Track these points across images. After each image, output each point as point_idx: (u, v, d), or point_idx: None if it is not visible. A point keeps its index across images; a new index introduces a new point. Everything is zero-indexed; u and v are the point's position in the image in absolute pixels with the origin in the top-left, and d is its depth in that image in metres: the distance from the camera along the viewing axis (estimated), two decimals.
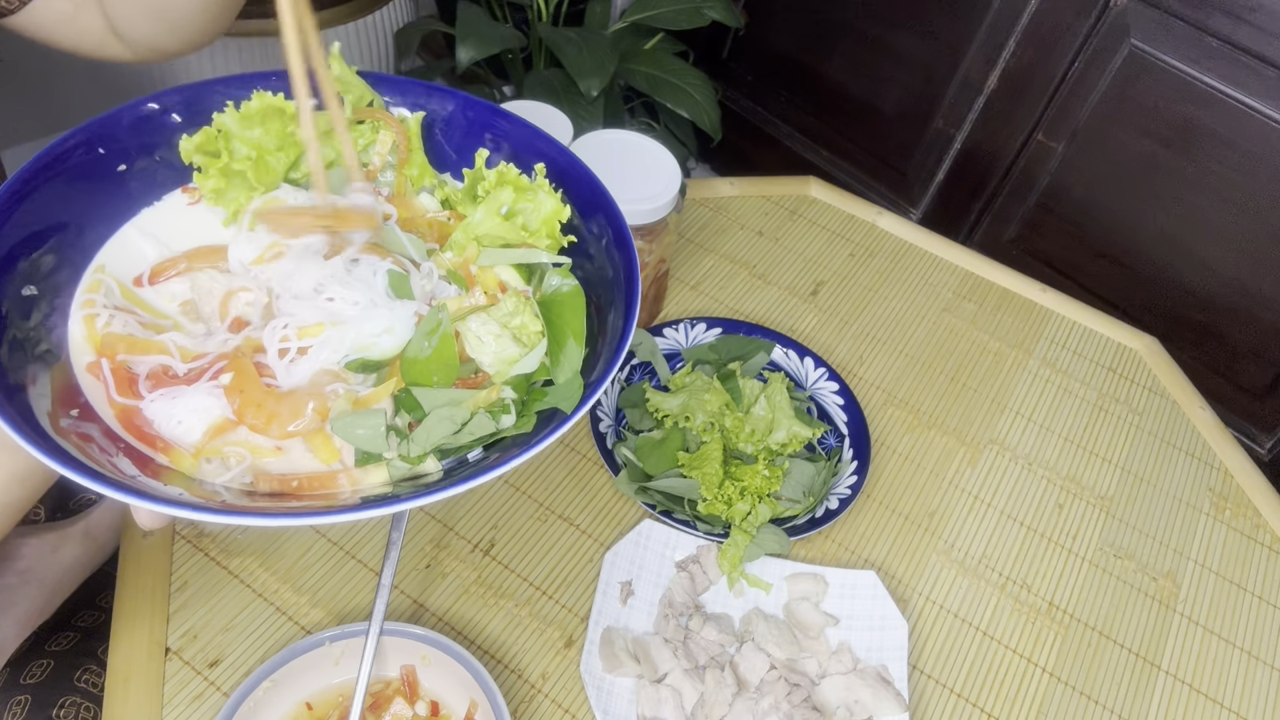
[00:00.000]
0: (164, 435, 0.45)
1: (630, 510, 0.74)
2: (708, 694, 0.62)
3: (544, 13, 1.58)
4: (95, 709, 0.70)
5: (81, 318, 0.47)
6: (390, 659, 0.58)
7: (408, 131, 0.56)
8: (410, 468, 0.46)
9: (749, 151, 2.06)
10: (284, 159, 0.55)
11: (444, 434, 0.46)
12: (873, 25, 1.73)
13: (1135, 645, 0.72)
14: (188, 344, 0.48)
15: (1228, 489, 0.85)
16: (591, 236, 0.54)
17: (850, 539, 0.75)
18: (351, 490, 0.44)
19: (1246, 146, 1.39)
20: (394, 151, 0.56)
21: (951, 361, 0.91)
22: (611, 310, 0.50)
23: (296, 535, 0.68)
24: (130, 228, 0.52)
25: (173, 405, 0.45)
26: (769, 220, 1.02)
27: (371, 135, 0.57)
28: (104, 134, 0.50)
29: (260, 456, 0.45)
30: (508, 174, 0.54)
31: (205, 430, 0.45)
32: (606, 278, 0.52)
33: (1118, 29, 1.44)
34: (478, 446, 0.47)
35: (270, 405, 0.45)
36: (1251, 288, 1.48)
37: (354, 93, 0.56)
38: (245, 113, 0.53)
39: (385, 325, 0.48)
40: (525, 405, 0.48)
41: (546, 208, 0.53)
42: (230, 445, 0.45)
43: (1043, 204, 1.65)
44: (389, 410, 0.47)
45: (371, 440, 0.45)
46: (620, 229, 0.52)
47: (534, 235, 0.54)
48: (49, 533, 0.76)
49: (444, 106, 0.58)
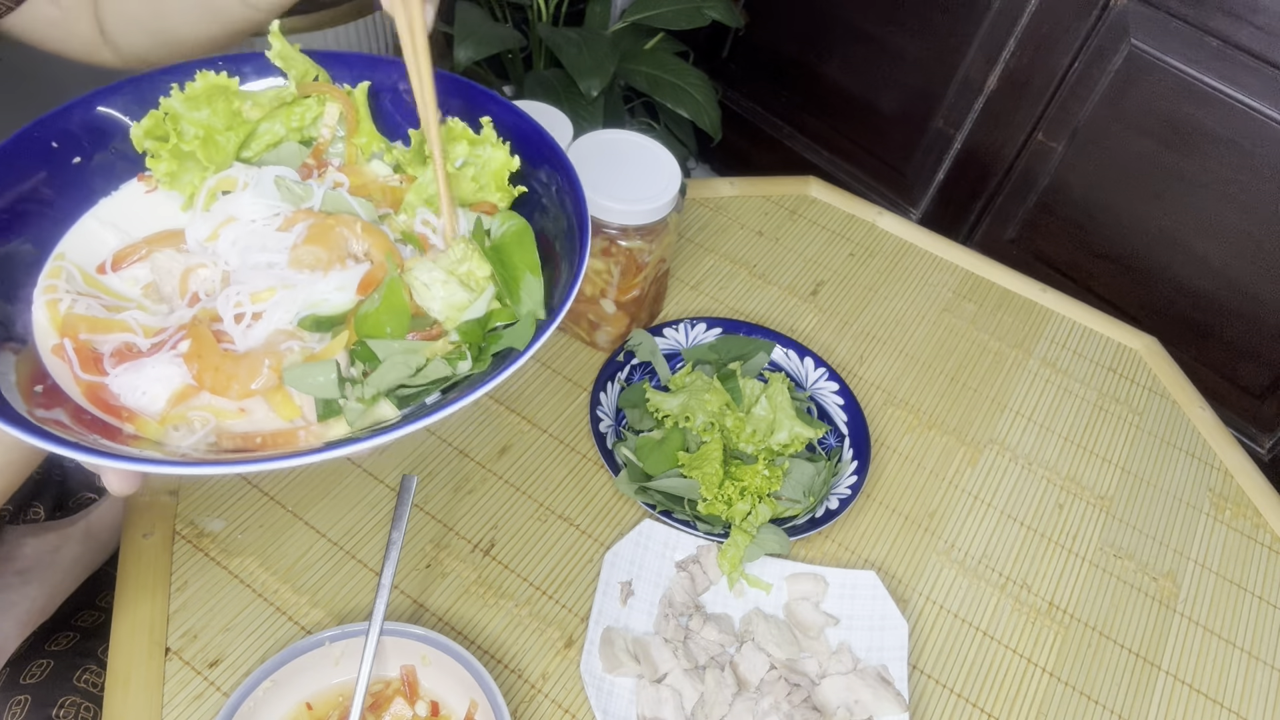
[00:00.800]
0: (130, 406, 0.46)
1: (630, 510, 0.74)
2: (708, 694, 0.62)
3: (544, 13, 1.58)
4: (95, 709, 0.70)
5: (44, 303, 0.48)
6: (390, 659, 0.58)
7: (354, 101, 0.57)
8: (364, 409, 0.46)
9: (749, 151, 2.06)
10: (233, 138, 0.56)
11: (398, 377, 0.46)
12: (873, 25, 1.73)
13: (1135, 645, 0.72)
14: (150, 321, 0.49)
15: (1228, 489, 0.85)
16: (541, 186, 0.55)
17: (850, 539, 0.75)
18: (313, 443, 0.45)
19: (1246, 146, 1.39)
20: (342, 122, 0.57)
21: (951, 361, 0.91)
22: (565, 257, 0.51)
23: (296, 535, 0.68)
24: (89, 218, 0.53)
25: (136, 377, 0.46)
26: (769, 220, 1.02)
27: (319, 108, 0.57)
28: (56, 128, 0.51)
29: (224, 419, 0.46)
30: (456, 129, 0.55)
31: (169, 398, 0.46)
32: (561, 226, 0.53)
33: (1118, 29, 1.44)
34: (435, 390, 0.47)
35: (228, 367, 0.46)
36: (1252, 288, 1.48)
37: (297, 68, 0.56)
38: (190, 94, 0.54)
39: (336, 284, 0.49)
40: (482, 350, 0.49)
41: (496, 161, 0.54)
42: (195, 410, 0.46)
43: (1043, 204, 1.65)
44: (344, 362, 0.47)
45: (326, 388, 0.46)
46: (569, 175, 0.53)
47: (484, 189, 0.55)
48: (49, 532, 0.76)
49: (389, 76, 0.59)
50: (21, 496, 0.79)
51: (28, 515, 0.79)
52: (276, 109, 0.56)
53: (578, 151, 0.76)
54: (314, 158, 0.58)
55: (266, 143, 0.57)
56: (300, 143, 0.58)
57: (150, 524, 0.67)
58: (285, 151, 0.57)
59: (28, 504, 0.79)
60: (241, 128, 0.56)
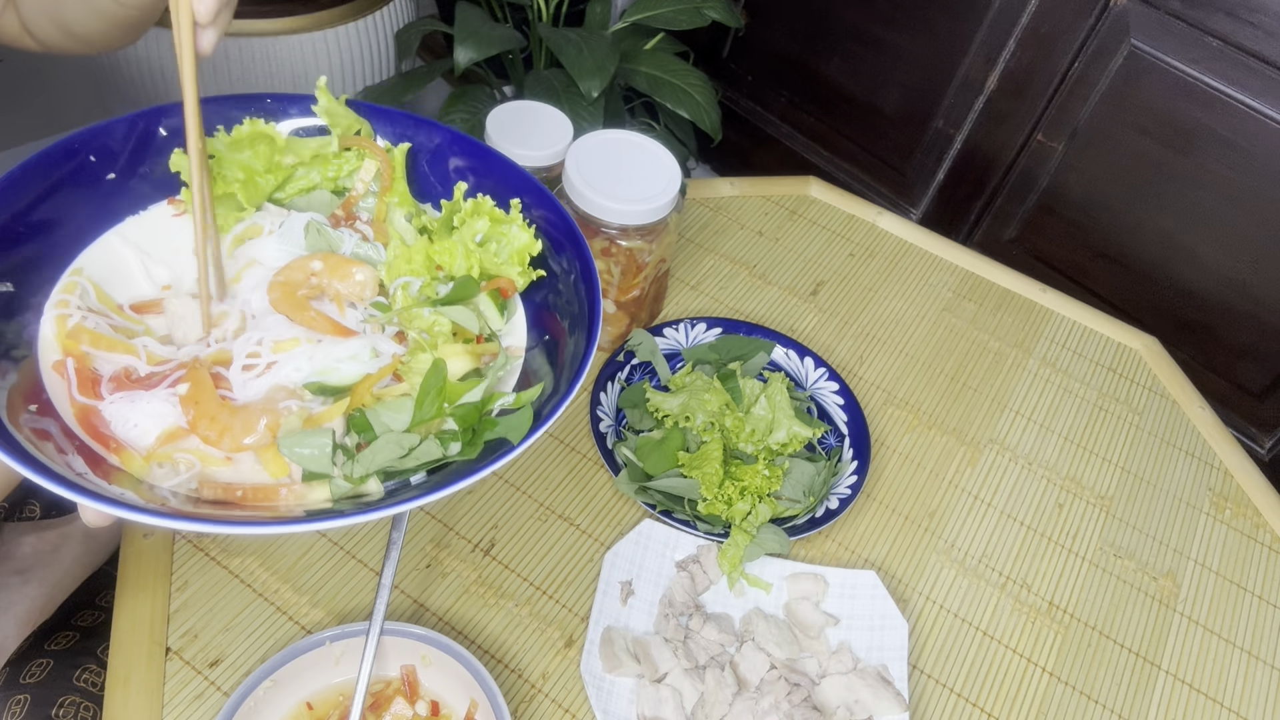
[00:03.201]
0: (119, 436, 0.46)
1: (630, 510, 0.74)
2: (708, 694, 0.62)
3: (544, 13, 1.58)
4: (94, 708, 0.70)
5: (54, 317, 0.48)
6: (390, 659, 0.58)
7: (392, 160, 0.58)
8: (352, 487, 0.46)
9: (749, 151, 2.06)
10: (271, 180, 0.57)
11: (390, 457, 0.46)
12: (873, 25, 1.73)
13: (1135, 645, 0.72)
14: (158, 351, 0.49)
15: (1228, 489, 0.85)
16: (561, 272, 0.56)
17: (850, 539, 0.75)
18: (293, 504, 0.45)
19: (1246, 146, 1.39)
20: (377, 179, 0.58)
21: (951, 361, 0.91)
22: (572, 342, 0.51)
23: (296, 535, 0.68)
24: (113, 234, 0.53)
25: (130, 408, 0.46)
26: (769, 220, 1.02)
27: (357, 162, 0.58)
28: (97, 142, 0.52)
29: (209, 464, 0.46)
30: (483, 205, 0.55)
31: (159, 435, 0.46)
32: (572, 312, 0.53)
33: (1118, 29, 1.44)
34: (422, 470, 0.47)
35: (224, 418, 0.46)
36: (1251, 288, 1.48)
37: (342, 124, 0.58)
38: (236, 137, 0.55)
39: (352, 351, 0.49)
40: (475, 434, 0.48)
41: (519, 240, 0.55)
42: (181, 451, 0.46)
43: (1043, 204, 1.65)
44: (340, 429, 0.47)
45: (316, 460, 0.45)
46: (588, 266, 0.53)
47: (503, 265, 0.55)
48: (49, 531, 0.76)
49: (430, 139, 0.59)
50: (16, 495, 0.79)
51: (23, 513, 0.79)
52: (318, 155, 0.57)
53: (578, 151, 0.76)
54: (344, 209, 0.58)
55: (300, 188, 0.58)
56: (334, 192, 0.59)
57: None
58: (317, 199, 0.58)
59: (23, 502, 0.79)
60: (280, 172, 0.57)
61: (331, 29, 1.54)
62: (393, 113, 0.59)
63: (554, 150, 0.79)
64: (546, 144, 0.79)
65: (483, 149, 0.59)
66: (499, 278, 0.56)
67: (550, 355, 0.53)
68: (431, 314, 0.53)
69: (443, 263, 0.55)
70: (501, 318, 0.56)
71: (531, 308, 0.56)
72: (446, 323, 0.53)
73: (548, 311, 0.55)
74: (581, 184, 0.73)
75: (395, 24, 1.67)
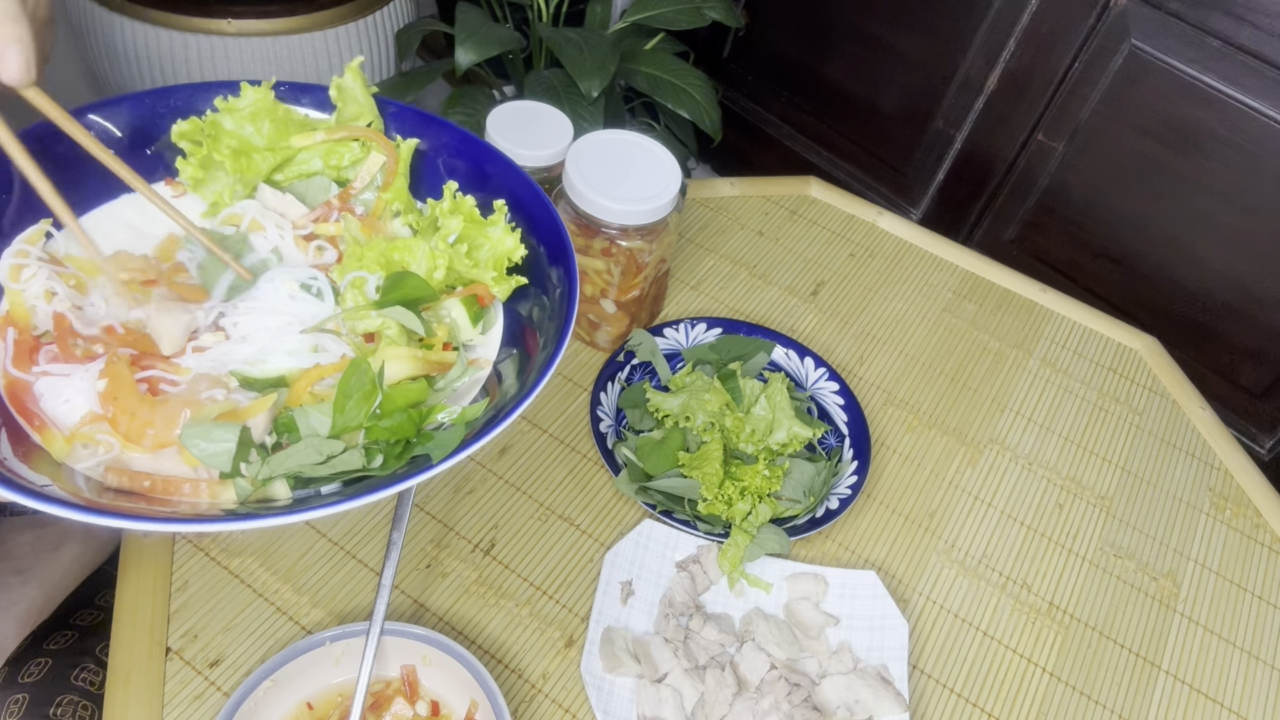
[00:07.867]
0: (47, 412, 0.45)
1: (630, 510, 0.74)
2: (708, 694, 0.62)
3: (544, 13, 1.58)
4: (93, 707, 0.70)
5: (8, 266, 0.47)
6: (391, 659, 0.58)
7: (399, 156, 0.57)
8: (253, 490, 0.44)
9: (749, 151, 2.06)
10: (271, 159, 0.56)
11: (304, 462, 0.44)
12: (873, 25, 1.73)
13: (1135, 645, 0.72)
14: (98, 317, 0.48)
15: (1228, 489, 0.85)
16: (550, 284, 0.53)
17: (850, 539, 0.75)
18: (200, 501, 0.43)
19: (1247, 146, 1.39)
20: (382, 172, 0.57)
21: (951, 361, 0.91)
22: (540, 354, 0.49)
23: (297, 535, 0.68)
24: (101, 212, 0.53)
25: (64, 383, 0.45)
26: (769, 220, 1.02)
27: (363, 153, 0.58)
28: (104, 117, 0.53)
29: (130, 448, 0.44)
30: (462, 204, 0.54)
31: (86, 414, 0.45)
32: (549, 331, 0.51)
33: (1118, 29, 1.44)
34: (337, 480, 0.45)
35: (144, 413, 0.44)
36: (1252, 288, 1.48)
37: (350, 109, 0.57)
38: (234, 106, 0.54)
39: (291, 347, 0.48)
40: (405, 447, 0.46)
41: (503, 245, 0.53)
42: (104, 433, 0.45)
43: (1043, 204, 1.65)
44: (262, 427, 0.45)
45: (220, 458, 0.43)
46: (572, 287, 0.51)
47: (476, 269, 0.53)
48: (49, 529, 0.76)
49: (439, 138, 0.59)
50: None
51: (14, 507, 0.79)
52: (327, 142, 0.57)
53: (578, 152, 0.76)
54: (340, 199, 0.57)
55: (300, 172, 0.58)
56: (336, 181, 0.59)
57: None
58: (315, 185, 0.58)
59: None
60: (283, 152, 0.56)
61: (331, 29, 1.54)
62: (404, 109, 0.59)
63: (554, 150, 0.79)
64: (547, 144, 0.79)
65: (490, 151, 0.58)
66: (475, 284, 0.53)
67: (521, 370, 0.50)
68: (379, 315, 0.50)
69: (404, 261, 0.53)
70: (475, 326, 0.53)
71: (511, 317, 0.55)
72: (394, 324, 0.50)
73: (528, 325, 0.53)
74: (581, 184, 0.73)
75: (395, 24, 1.67)
